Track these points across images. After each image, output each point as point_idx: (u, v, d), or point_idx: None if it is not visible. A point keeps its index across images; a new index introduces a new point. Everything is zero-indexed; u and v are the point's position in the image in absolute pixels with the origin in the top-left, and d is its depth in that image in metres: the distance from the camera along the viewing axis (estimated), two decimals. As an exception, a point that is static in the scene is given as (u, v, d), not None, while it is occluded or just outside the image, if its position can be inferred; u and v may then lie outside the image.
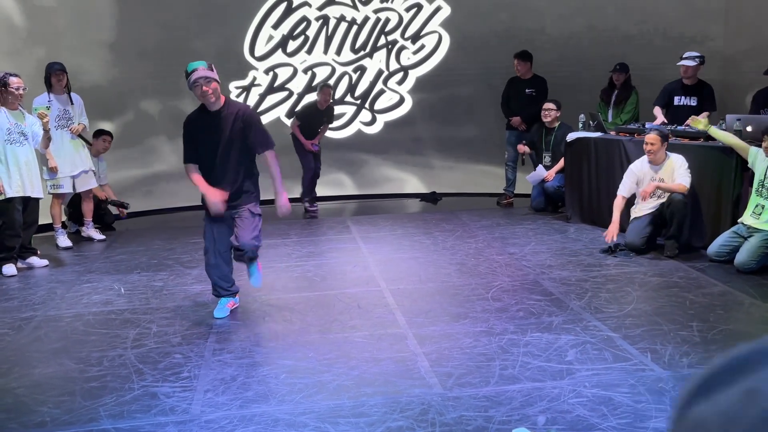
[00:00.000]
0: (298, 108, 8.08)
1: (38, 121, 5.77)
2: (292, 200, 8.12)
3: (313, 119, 7.74)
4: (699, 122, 5.72)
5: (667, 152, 5.65)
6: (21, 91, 5.57)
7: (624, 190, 5.88)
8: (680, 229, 5.53)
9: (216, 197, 4.12)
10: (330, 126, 8.33)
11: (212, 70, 4.05)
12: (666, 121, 6.64)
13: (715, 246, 5.28)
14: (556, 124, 7.41)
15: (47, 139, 5.74)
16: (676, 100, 6.81)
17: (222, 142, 4.14)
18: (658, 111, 6.84)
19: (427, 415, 3.06)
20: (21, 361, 3.85)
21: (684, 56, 6.69)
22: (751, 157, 5.24)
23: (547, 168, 7.45)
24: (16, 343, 4.13)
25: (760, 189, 5.14)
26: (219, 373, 3.58)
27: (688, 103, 6.74)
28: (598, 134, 6.79)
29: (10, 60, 6.74)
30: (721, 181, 5.56)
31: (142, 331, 4.23)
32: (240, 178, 4.23)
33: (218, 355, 3.82)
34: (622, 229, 5.79)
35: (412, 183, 8.62)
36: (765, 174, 5.11)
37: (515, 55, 7.79)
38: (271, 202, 4.53)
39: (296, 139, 7.73)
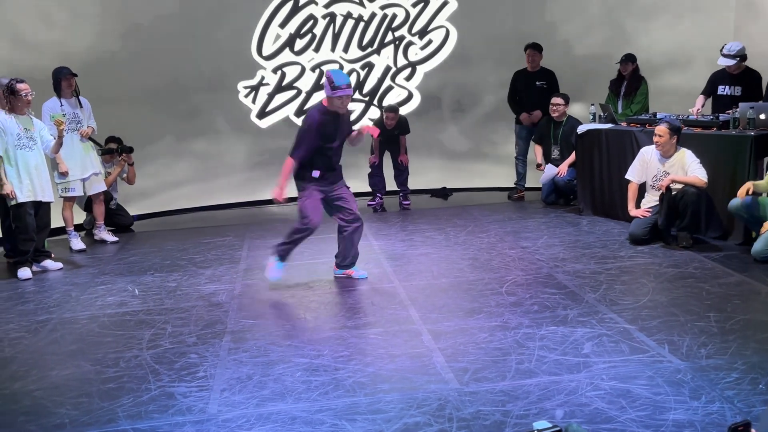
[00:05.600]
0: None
1: (46, 126, 5.80)
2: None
3: (385, 136, 7.76)
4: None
5: (679, 146, 5.61)
6: (29, 97, 5.60)
7: (633, 175, 5.88)
8: (693, 220, 5.48)
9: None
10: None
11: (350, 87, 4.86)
12: (700, 110, 6.51)
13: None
14: (564, 118, 7.38)
15: (59, 144, 5.77)
16: (720, 89, 6.59)
17: (340, 136, 4.95)
18: (699, 100, 6.67)
19: (444, 411, 3.05)
20: (38, 364, 3.87)
21: (723, 51, 6.40)
22: None
23: (556, 162, 7.42)
24: (33, 345, 4.16)
25: None
26: (235, 372, 3.58)
27: (732, 93, 6.50)
28: (609, 126, 6.74)
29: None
30: (735, 170, 5.50)
31: (157, 332, 4.24)
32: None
33: (234, 354, 3.83)
34: (629, 219, 5.88)
35: (422, 178, 8.58)
36: None
37: (529, 46, 7.73)
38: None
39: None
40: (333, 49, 8.41)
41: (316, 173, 4.87)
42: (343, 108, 4.83)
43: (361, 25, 8.40)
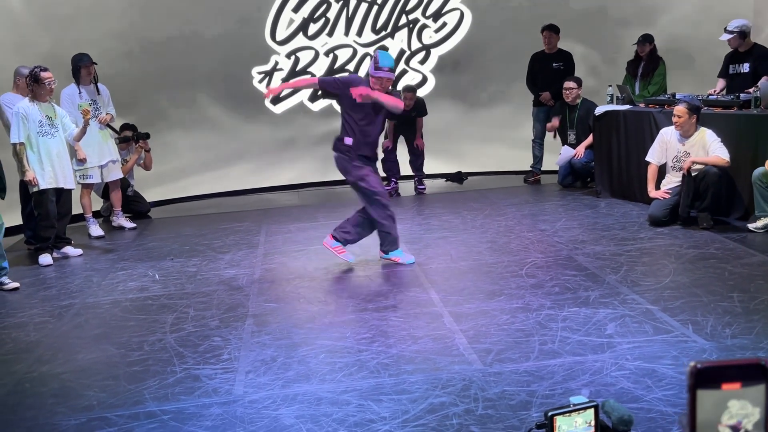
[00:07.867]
0: None
1: (68, 114, 5.83)
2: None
3: (402, 119, 7.48)
4: None
5: (699, 126, 5.54)
6: (52, 85, 5.62)
7: (653, 157, 5.83)
8: (715, 200, 5.44)
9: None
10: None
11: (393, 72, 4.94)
12: (720, 91, 6.44)
13: None
14: (579, 101, 7.32)
15: (82, 132, 5.80)
16: (731, 69, 6.56)
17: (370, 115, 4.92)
18: (719, 83, 6.65)
19: (469, 391, 3.06)
20: (64, 348, 3.91)
21: (726, 27, 6.41)
22: None
23: (572, 146, 7.37)
24: (57, 330, 4.20)
25: None
26: (259, 354, 3.61)
27: (741, 70, 6.46)
28: (627, 107, 6.68)
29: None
30: (757, 150, 5.43)
31: (180, 316, 4.27)
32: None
33: (257, 336, 3.85)
34: (648, 201, 5.83)
35: (437, 163, 8.56)
36: None
37: (545, 28, 7.66)
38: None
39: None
40: (347, 33, 8.38)
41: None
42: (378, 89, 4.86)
43: (375, 8, 8.36)
